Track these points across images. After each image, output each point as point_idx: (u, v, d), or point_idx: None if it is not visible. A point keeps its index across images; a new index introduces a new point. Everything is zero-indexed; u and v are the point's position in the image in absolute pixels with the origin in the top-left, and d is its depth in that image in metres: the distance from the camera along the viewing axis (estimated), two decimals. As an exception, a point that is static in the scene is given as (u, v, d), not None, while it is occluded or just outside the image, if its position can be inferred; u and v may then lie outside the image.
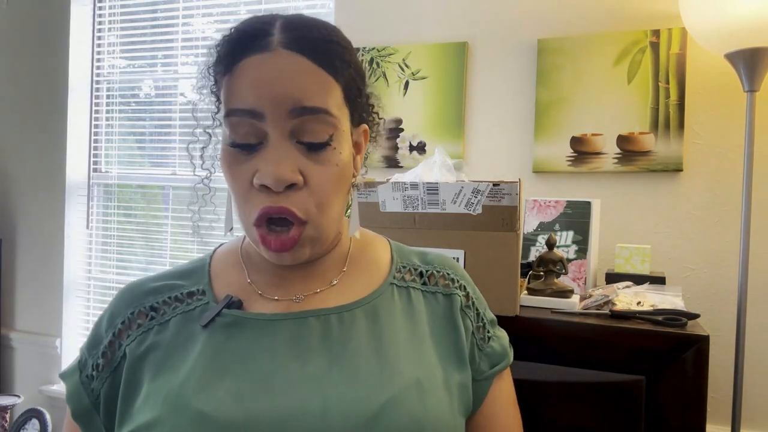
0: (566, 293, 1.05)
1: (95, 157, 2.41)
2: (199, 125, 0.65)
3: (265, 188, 0.57)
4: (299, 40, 0.58)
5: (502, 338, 0.73)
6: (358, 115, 0.65)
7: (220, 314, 0.62)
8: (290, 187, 0.57)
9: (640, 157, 1.57)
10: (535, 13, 1.70)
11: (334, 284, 0.66)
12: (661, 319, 0.93)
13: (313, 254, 0.64)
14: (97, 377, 0.64)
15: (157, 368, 0.61)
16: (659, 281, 1.28)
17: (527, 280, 1.11)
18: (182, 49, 2.28)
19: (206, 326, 0.62)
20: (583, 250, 1.29)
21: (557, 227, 1.32)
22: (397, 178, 1.12)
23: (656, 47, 1.56)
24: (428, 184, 1.00)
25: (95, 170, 2.41)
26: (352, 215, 0.68)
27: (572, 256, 1.29)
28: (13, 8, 2.43)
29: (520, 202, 0.95)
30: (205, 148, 0.66)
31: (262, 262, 0.67)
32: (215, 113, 0.63)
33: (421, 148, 1.80)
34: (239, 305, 0.63)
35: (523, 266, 1.04)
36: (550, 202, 1.34)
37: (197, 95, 0.64)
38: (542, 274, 1.08)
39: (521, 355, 0.81)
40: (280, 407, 0.55)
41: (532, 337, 0.94)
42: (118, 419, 0.62)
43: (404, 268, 0.70)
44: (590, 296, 1.07)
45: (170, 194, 2.32)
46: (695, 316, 0.94)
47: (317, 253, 0.66)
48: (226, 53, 0.59)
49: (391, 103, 1.83)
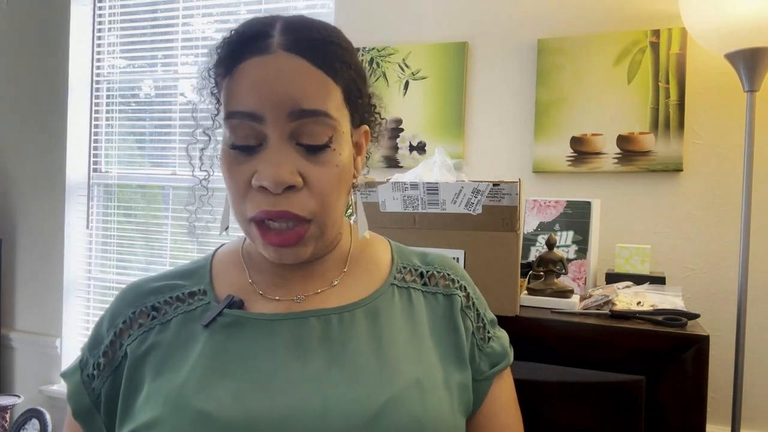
0: (566, 293, 1.05)
1: (95, 157, 2.41)
2: (198, 126, 0.65)
3: (263, 189, 0.57)
4: (299, 42, 0.58)
5: (502, 338, 0.73)
6: (358, 116, 0.65)
7: (221, 314, 0.62)
8: (289, 188, 0.57)
9: (640, 157, 1.57)
10: (535, 13, 1.70)
11: (334, 284, 0.66)
12: (661, 319, 0.93)
13: (314, 253, 0.64)
14: (98, 377, 0.64)
15: (158, 368, 0.61)
16: (659, 281, 1.28)
17: (527, 280, 1.11)
18: (182, 49, 2.28)
19: (207, 326, 0.62)
20: (583, 250, 1.29)
21: (557, 227, 1.32)
22: (397, 178, 1.12)
23: (656, 47, 1.56)
24: (428, 184, 1.00)
25: (95, 170, 2.41)
26: (358, 216, 0.68)
27: (572, 256, 1.29)
28: (13, 8, 2.43)
29: (520, 202, 0.95)
30: (204, 149, 0.66)
31: (263, 262, 0.67)
32: (215, 115, 0.63)
33: (421, 148, 1.80)
34: (240, 305, 0.64)
35: (523, 266, 1.04)
36: (550, 202, 1.34)
37: (197, 96, 0.64)
38: (542, 274, 1.08)
39: (521, 355, 0.81)
40: (280, 407, 0.55)
41: (532, 337, 0.94)
42: (118, 419, 0.62)
43: (404, 268, 0.71)
44: (590, 296, 1.07)
45: (170, 194, 2.32)
46: (695, 316, 0.94)
47: (318, 252, 0.66)
48: (226, 55, 0.59)
49: (391, 103, 1.83)
